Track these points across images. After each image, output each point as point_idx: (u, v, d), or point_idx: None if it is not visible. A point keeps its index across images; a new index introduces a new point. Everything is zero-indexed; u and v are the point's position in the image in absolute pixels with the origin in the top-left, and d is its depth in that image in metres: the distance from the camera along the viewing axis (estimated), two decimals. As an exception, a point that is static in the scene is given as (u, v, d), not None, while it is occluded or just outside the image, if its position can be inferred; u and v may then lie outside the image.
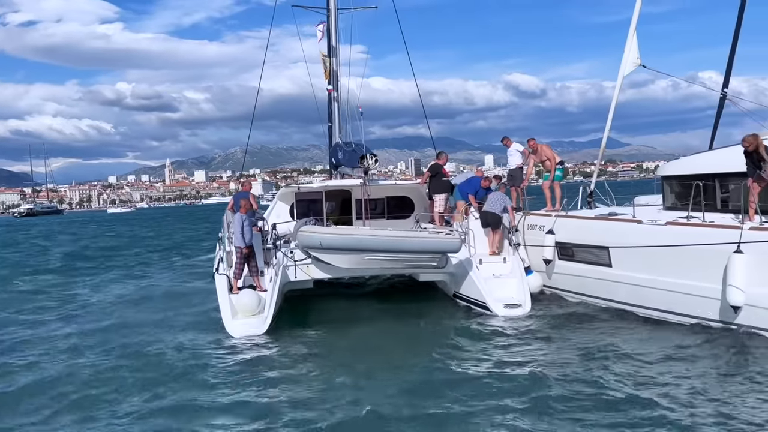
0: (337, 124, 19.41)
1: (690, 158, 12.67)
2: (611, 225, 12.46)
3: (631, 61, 14.43)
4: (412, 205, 18.09)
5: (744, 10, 13.81)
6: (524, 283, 12.95)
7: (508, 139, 16.04)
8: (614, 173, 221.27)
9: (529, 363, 9.24)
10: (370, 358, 9.86)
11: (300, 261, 13.14)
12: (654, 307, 11.20)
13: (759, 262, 9.24)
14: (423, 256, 12.26)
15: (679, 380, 8.10)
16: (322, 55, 19.36)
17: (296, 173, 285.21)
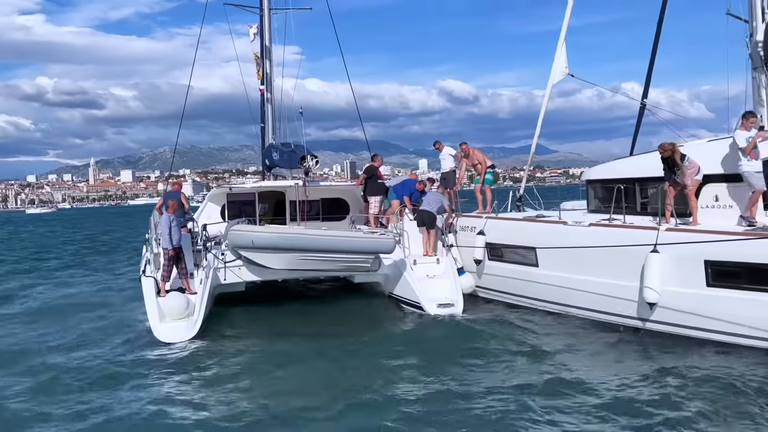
0: (270, 125, 19.20)
1: (612, 163, 13.26)
2: (538, 226, 12.88)
3: (560, 70, 14.94)
4: (347, 207, 18.09)
5: (662, 24, 14.60)
6: (457, 284, 13.19)
7: (441, 143, 16.34)
8: (542, 178, 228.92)
9: (457, 361, 9.40)
10: (304, 360, 9.76)
11: (231, 263, 12.88)
12: (578, 306, 11.64)
13: (673, 262, 9.78)
14: (357, 257, 12.28)
15: (594, 377, 8.44)
16: (254, 55, 19.11)
17: (228, 174, 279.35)
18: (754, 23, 11.84)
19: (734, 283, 9.13)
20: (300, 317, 13.07)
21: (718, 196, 10.35)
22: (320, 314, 13.24)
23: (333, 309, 13.66)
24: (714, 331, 9.44)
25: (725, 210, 10.25)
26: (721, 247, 9.14)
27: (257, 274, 13.02)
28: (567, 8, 15.06)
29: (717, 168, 10.36)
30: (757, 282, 8.84)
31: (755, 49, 11.79)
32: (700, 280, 9.49)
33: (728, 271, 9.19)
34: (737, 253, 9.01)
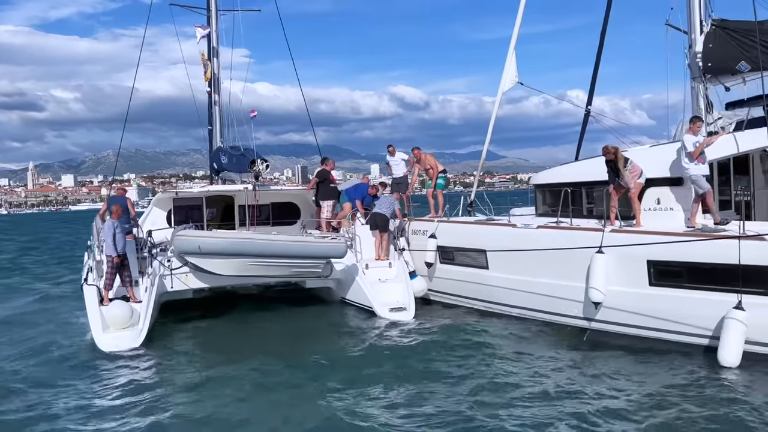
0: (218, 128, 18.91)
1: (559, 168, 13.59)
2: (488, 229, 13.07)
3: (510, 78, 15.21)
4: (298, 212, 17.94)
5: (605, 34, 15.06)
6: (409, 287, 13.24)
7: (394, 147, 16.41)
8: (491, 184, 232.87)
9: (408, 365, 9.42)
10: (254, 369, 9.52)
11: (177, 270, 12.56)
12: (527, 307, 11.86)
13: (617, 263, 10.08)
14: (308, 262, 12.16)
15: (542, 376, 8.64)
16: (202, 57, 18.78)
17: (175, 179, 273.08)
18: (693, 35, 12.34)
19: (675, 283, 9.49)
20: (250, 324, 12.84)
21: (660, 199, 10.74)
22: (271, 321, 13.03)
23: (283, 315, 13.46)
24: (656, 329, 9.76)
25: (667, 212, 10.65)
26: (663, 247, 9.47)
27: (205, 281, 12.74)
28: (517, 19, 15.37)
29: (659, 172, 10.74)
30: (696, 281, 9.21)
31: (694, 60, 12.30)
32: (642, 280, 9.81)
33: (669, 271, 9.55)
34: (678, 253, 9.35)
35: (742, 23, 11.56)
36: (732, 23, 11.81)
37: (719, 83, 12.37)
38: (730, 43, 11.67)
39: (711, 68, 12.01)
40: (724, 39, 11.75)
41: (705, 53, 12.00)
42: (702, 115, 12.35)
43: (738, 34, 11.53)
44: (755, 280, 8.54)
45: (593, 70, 15.17)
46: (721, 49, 11.78)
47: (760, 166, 11.48)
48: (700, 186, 9.97)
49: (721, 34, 11.82)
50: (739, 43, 11.49)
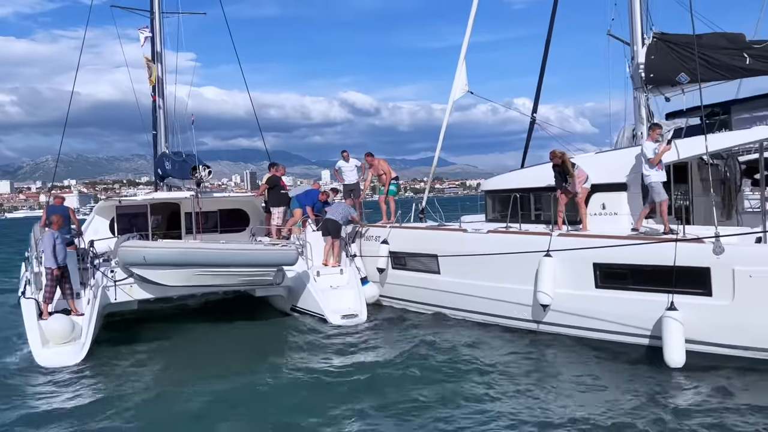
0: (163, 133, 18.39)
1: (508, 175, 13.85)
2: (439, 234, 13.19)
3: (460, 87, 15.42)
4: (247, 219, 17.62)
5: (550, 43, 15.46)
6: (361, 294, 13.20)
7: (348, 153, 16.35)
8: (441, 190, 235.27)
9: (360, 370, 9.39)
10: (204, 383, 9.22)
11: (121, 281, 12.14)
12: (478, 311, 11.99)
13: (565, 266, 10.31)
14: (257, 270, 11.94)
15: (493, 378, 8.76)
16: (145, 60, 18.28)
17: (118, 185, 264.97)
18: (635, 47, 12.79)
19: (620, 284, 9.77)
20: (198, 335, 12.49)
21: (605, 204, 11.09)
22: (220, 331, 12.68)
23: (233, 325, 13.14)
24: (603, 330, 10.02)
25: (612, 217, 11.00)
26: (608, 250, 9.74)
27: (151, 292, 12.35)
28: (467, 29, 15.61)
29: (604, 178, 11.08)
30: (638, 282, 9.50)
31: (636, 71, 12.74)
32: (589, 282, 10.07)
33: (614, 273, 9.83)
34: (621, 256, 9.63)
35: (681, 36, 12.04)
36: (672, 36, 12.29)
37: (660, 94, 12.84)
38: (670, 56, 12.14)
39: (652, 79, 12.47)
40: (665, 51, 12.21)
41: (647, 65, 12.44)
42: (644, 123, 12.80)
43: (678, 47, 12.00)
44: (691, 281, 8.86)
45: (538, 79, 15.56)
46: (662, 61, 12.23)
47: (697, 174, 11.99)
48: (657, 193, 10.13)
49: (662, 47, 12.28)
50: (679, 55, 11.96)
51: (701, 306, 8.78)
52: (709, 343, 8.80)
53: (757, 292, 8.32)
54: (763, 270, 8.29)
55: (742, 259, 8.50)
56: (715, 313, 8.69)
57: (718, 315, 8.66)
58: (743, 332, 8.50)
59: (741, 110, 12.72)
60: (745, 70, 11.39)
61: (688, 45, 11.47)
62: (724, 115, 12.65)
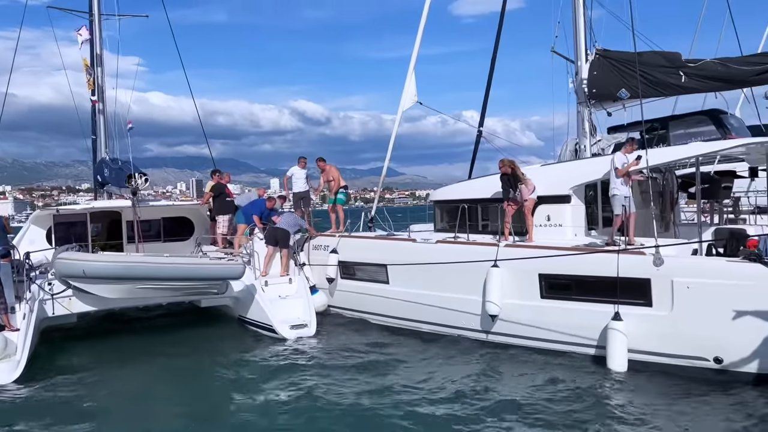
0: (103, 139, 17.79)
1: (456, 185, 14.01)
2: (389, 244, 13.19)
3: (409, 98, 15.55)
4: (192, 227, 17.19)
5: (496, 58, 15.78)
6: (310, 303, 13.03)
7: (305, 160, 16.17)
8: (391, 199, 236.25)
9: (307, 381, 9.26)
10: (148, 399, 8.91)
11: (59, 294, 11.61)
12: (427, 321, 12.01)
13: (511, 276, 10.45)
14: (202, 283, 11.65)
15: (441, 388, 8.78)
16: (84, 63, 17.70)
17: (57, 191, 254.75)
18: (579, 63, 13.18)
19: (564, 295, 9.96)
20: (141, 348, 11.98)
21: (550, 216, 11.31)
22: (165, 344, 12.19)
23: (178, 337, 12.71)
24: (549, 340, 10.19)
25: (557, 228, 11.22)
26: (552, 261, 9.94)
27: (91, 304, 11.88)
28: (416, 40, 15.77)
29: (549, 190, 11.32)
30: (583, 293, 9.71)
31: (580, 86, 13.12)
32: (535, 293, 10.23)
33: (558, 284, 10.03)
34: (566, 266, 9.84)
35: (622, 53, 12.48)
36: (614, 53, 12.72)
37: (602, 108, 13.25)
38: (612, 72, 12.56)
39: (595, 94, 12.87)
40: (607, 68, 12.63)
41: (589, 80, 12.84)
42: (587, 137, 13.18)
43: (619, 63, 12.43)
44: (632, 292, 9.11)
45: (485, 93, 15.87)
46: (604, 77, 12.65)
47: (637, 187, 12.40)
48: (615, 206, 10.29)
49: (604, 63, 12.70)
50: (620, 72, 12.39)
51: (643, 316, 9.03)
52: (651, 352, 9.05)
53: (694, 303, 8.60)
54: (700, 281, 8.59)
55: (681, 271, 8.80)
56: (655, 323, 8.95)
57: (658, 325, 8.92)
58: (682, 342, 8.77)
59: (678, 126, 13.26)
60: (680, 87, 11.88)
61: (629, 62, 11.90)
62: (663, 130, 13.16)
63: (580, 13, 13.11)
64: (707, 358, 8.59)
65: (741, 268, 8.34)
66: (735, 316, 8.22)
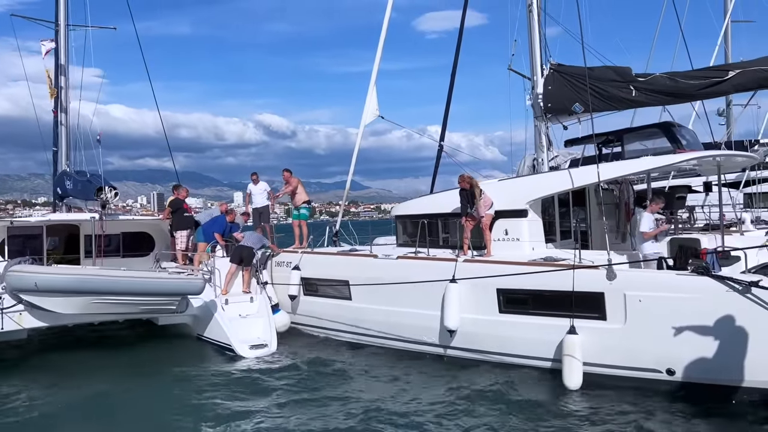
0: (64, 151, 17.48)
1: (417, 200, 14.07)
2: (350, 260, 13.13)
3: (371, 112, 15.64)
4: (152, 242, 16.90)
5: (455, 75, 16.01)
6: (271, 322, 12.86)
7: (257, 175, 16.07)
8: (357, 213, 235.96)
9: (270, 403, 9.15)
10: (103, 421, 8.69)
11: (9, 309, 11.26)
12: (389, 336, 12.00)
13: (469, 292, 10.53)
14: (160, 299, 11.43)
15: (401, 405, 8.81)
16: (47, 73, 17.38)
17: (12, 205, 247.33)
18: (535, 78, 13.44)
19: (521, 309, 10.06)
20: (95, 369, 11.58)
21: (507, 230, 11.43)
22: (119, 363, 11.83)
23: (133, 356, 12.39)
24: (507, 354, 10.28)
25: (514, 242, 11.33)
26: (510, 276, 10.04)
27: (42, 320, 11.54)
28: (377, 54, 15.90)
29: (507, 204, 11.43)
30: (541, 307, 9.82)
31: (536, 100, 13.38)
32: (493, 308, 10.32)
33: (516, 299, 10.13)
34: (523, 281, 9.95)
35: (575, 68, 12.73)
36: (567, 68, 13.00)
37: (558, 122, 13.53)
38: (566, 86, 12.81)
39: (550, 108, 13.12)
40: (561, 82, 12.90)
41: (545, 94, 13.10)
42: (544, 150, 13.42)
43: (572, 78, 12.69)
44: (588, 306, 9.25)
45: (445, 108, 16.06)
46: (558, 92, 12.90)
47: (594, 198, 12.68)
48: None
49: (558, 78, 12.97)
50: (574, 86, 12.63)
51: (597, 330, 9.18)
52: (606, 365, 9.18)
53: (646, 316, 8.78)
54: (651, 294, 8.77)
55: (632, 284, 8.97)
56: (609, 336, 9.10)
57: (612, 338, 9.08)
58: (635, 354, 8.93)
59: (632, 138, 13.61)
60: (631, 101, 12.12)
61: (581, 76, 12.16)
62: (618, 142, 13.49)
63: (536, 30, 13.39)
64: (660, 370, 8.76)
65: (690, 281, 8.54)
66: (685, 327, 8.42)
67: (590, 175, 10.63)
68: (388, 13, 15.80)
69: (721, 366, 8.27)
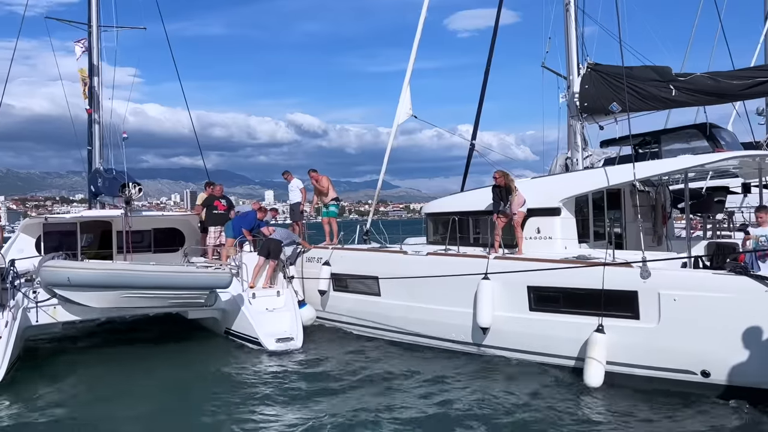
0: (98, 149, 17.85)
1: (449, 198, 14.00)
2: (380, 256, 13.12)
3: (404, 111, 15.58)
4: (183, 238, 17.14)
5: (488, 74, 15.85)
6: (297, 317, 12.91)
7: (290, 173, 16.09)
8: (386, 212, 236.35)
9: (297, 397, 9.16)
10: (131, 412, 8.77)
11: (43, 302, 11.50)
12: (418, 333, 11.92)
13: (501, 289, 10.39)
14: (189, 292, 11.54)
15: (432, 402, 8.69)
16: (81, 74, 17.78)
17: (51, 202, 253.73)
18: (571, 77, 13.22)
19: (552, 307, 9.89)
20: (126, 359, 11.85)
21: (539, 228, 11.26)
22: (150, 357, 12.07)
23: (164, 349, 12.57)
24: (538, 353, 10.12)
25: (546, 240, 11.17)
26: (541, 273, 9.87)
27: (76, 314, 11.77)
28: (411, 54, 15.82)
29: (540, 202, 11.26)
30: (571, 306, 9.64)
31: (572, 99, 13.15)
32: (524, 305, 10.16)
33: (546, 296, 9.96)
34: (553, 279, 9.77)
35: (613, 67, 12.48)
36: (604, 67, 12.74)
37: (594, 122, 13.27)
38: (603, 86, 12.56)
39: (586, 108, 12.88)
40: (598, 81, 12.65)
41: (581, 94, 12.86)
42: (579, 150, 13.18)
43: (609, 77, 12.44)
44: (620, 304, 9.03)
45: (477, 107, 15.91)
46: (595, 91, 12.66)
47: (629, 200, 12.40)
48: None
49: (596, 77, 12.72)
50: (611, 85, 12.39)
51: (630, 329, 8.97)
52: (637, 365, 8.97)
53: (680, 315, 8.55)
54: (686, 294, 8.53)
55: (667, 283, 8.74)
56: (642, 336, 8.88)
57: (645, 337, 8.86)
58: (668, 355, 8.70)
59: (670, 140, 13.28)
60: (671, 101, 11.86)
61: (619, 76, 11.92)
62: (655, 143, 13.18)
63: (572, 28, 13.17)
64: (695, 372, 8.52)
65: (727, 281, 8.29)
66: (722, 328, 8.18)
67: (626, 174, 10.40)
68: (424, 13, 15.68)
69: (759, 369, 8.00)
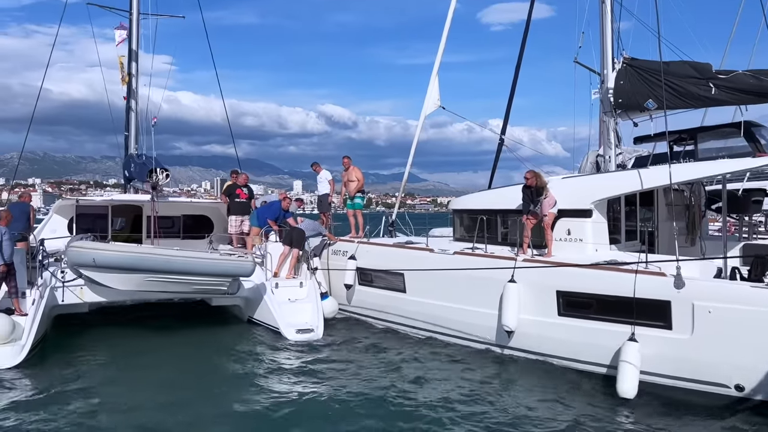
0: (134, 135, 18.13)
1: (477, 195, 13.74)
2: (406, 252, 12.96)
3: (432, 102, 15.40)
4: (212, 225, 17.30)
5: (520, 68, 15.59)
6: (319, 308, 12.88)
7: (318, 165, 16.04)
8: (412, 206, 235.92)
9: (315, 388, 9.13)
10: (152, 392, 8.86)
11: (70, 282, 11.66)
12: (442, 331, 11.78)
13: (528, 292, 10.15)
14: (211, 279, 11.60)
15: (452, 399, 8.56)
16: (119, 60, 18.00)
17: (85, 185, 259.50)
18: (605, 71, 12.84)
19: (582, 313, 9.60)
20: (151, 341, 12.00)
21: (570, 230, 10.94)
22: (173, 340, 12.19)
23: (186, 334, 12.68)
24: (565, 358, 9.87)
25: (576, 243, 10.85)
26: (570, 278, 9.62)
27: (101, 295, 11.94)
28: (440, 44, 15.64)
29: (571, 204, 10.93)
30: (601, 312, 9.35)
31: (606, 95, 12.77)
32: (552, 310, 9.91)
33: (576, 302, 9.68)
34: (585, 284, 9.51)
35: (650, 63, 12.06)
36: (641, 62, 12.31)
37: (628, 118, 12.88)
38: (638, 81, 12.14)
39: (621, 104, 12.46)
40: (634, 77, 12.22)
41: (616, 89, 12.47)
42: (612, 147, 12.84)
43: (646, 73, 12.00)
44: (652, 313, 8.73)
45: (508, 102, 15.66)
46: (631, 87, 12.24)
47: (663, 199, 12.03)
48: None
49: (631, 72, 12.30)
50: (647, 81, 11.96)
51: (661, 339, 8.66)
52: (668, 376, 8.69)
53: (715, 328, 8.23)
54: (722, 306, 8.20)
55: (702, 294, 8.41)
56: (674, 347, 8.58)
57: (677, 348, 8.55)
58: (701, 367, 8.40)
59: (707, 137, 12.85)
60: (710, 99, 11.39)
61: (656, 72, 11.51)
62: (691, 141, 12.76)
63: (608, 22, 12.80)
64: (728, 385, 8.20)
65: (765, 294, 7.93)
66: (758, 343, 7.85)
67: (661, 177, 10.02)
68: (454, 2, 15.47)
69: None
